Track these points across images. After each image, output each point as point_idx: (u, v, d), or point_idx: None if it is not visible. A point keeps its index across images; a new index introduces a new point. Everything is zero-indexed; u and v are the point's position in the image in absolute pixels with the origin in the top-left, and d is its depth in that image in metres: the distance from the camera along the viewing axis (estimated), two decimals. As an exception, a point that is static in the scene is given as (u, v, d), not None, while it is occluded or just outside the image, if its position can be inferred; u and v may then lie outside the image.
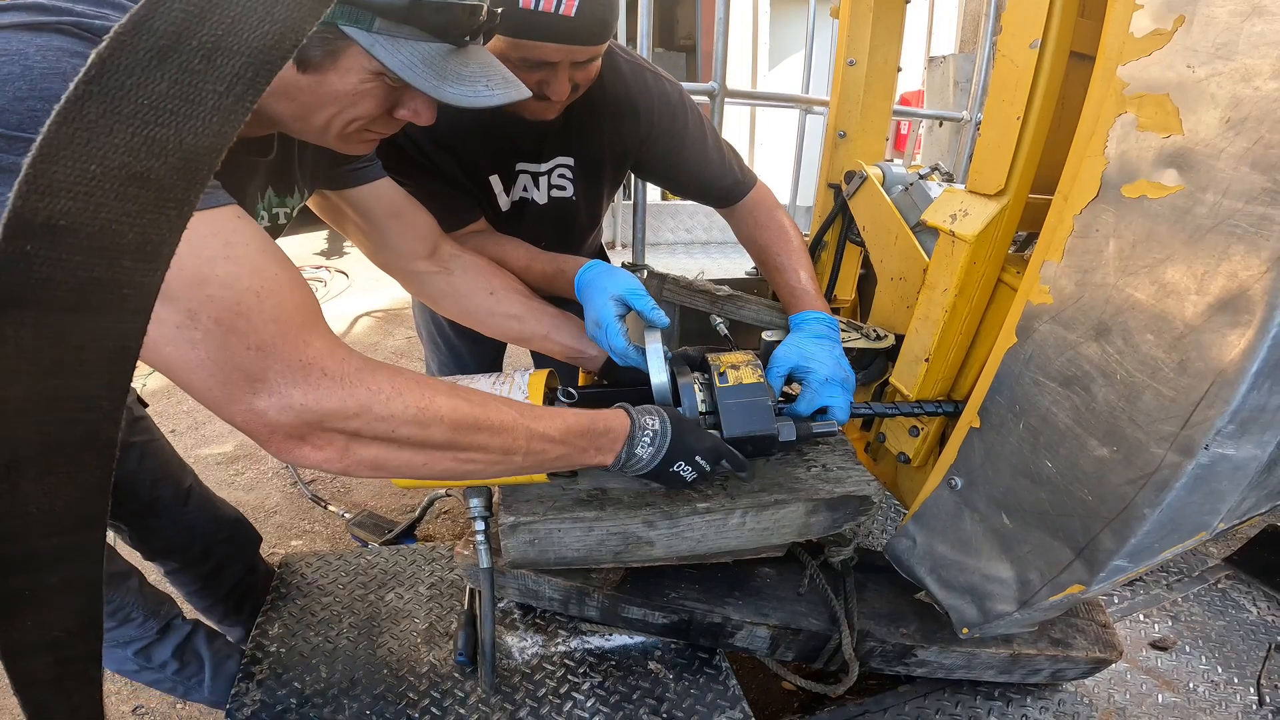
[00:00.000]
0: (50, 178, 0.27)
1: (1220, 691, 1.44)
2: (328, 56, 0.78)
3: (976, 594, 1.09)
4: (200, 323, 0.62)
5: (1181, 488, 0.75)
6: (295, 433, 0.69)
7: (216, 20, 0.30)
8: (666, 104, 1.34)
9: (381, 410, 0.72)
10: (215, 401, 0.66)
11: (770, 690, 1.68)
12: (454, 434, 0.78)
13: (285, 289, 0.69)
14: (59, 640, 0.38)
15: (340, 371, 0.70)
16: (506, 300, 1.27)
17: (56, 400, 0.32)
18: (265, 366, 0.66)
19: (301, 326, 0.69)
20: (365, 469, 0.75)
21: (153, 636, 1.31)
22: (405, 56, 0.79)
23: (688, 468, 0.99)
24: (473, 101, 0.86)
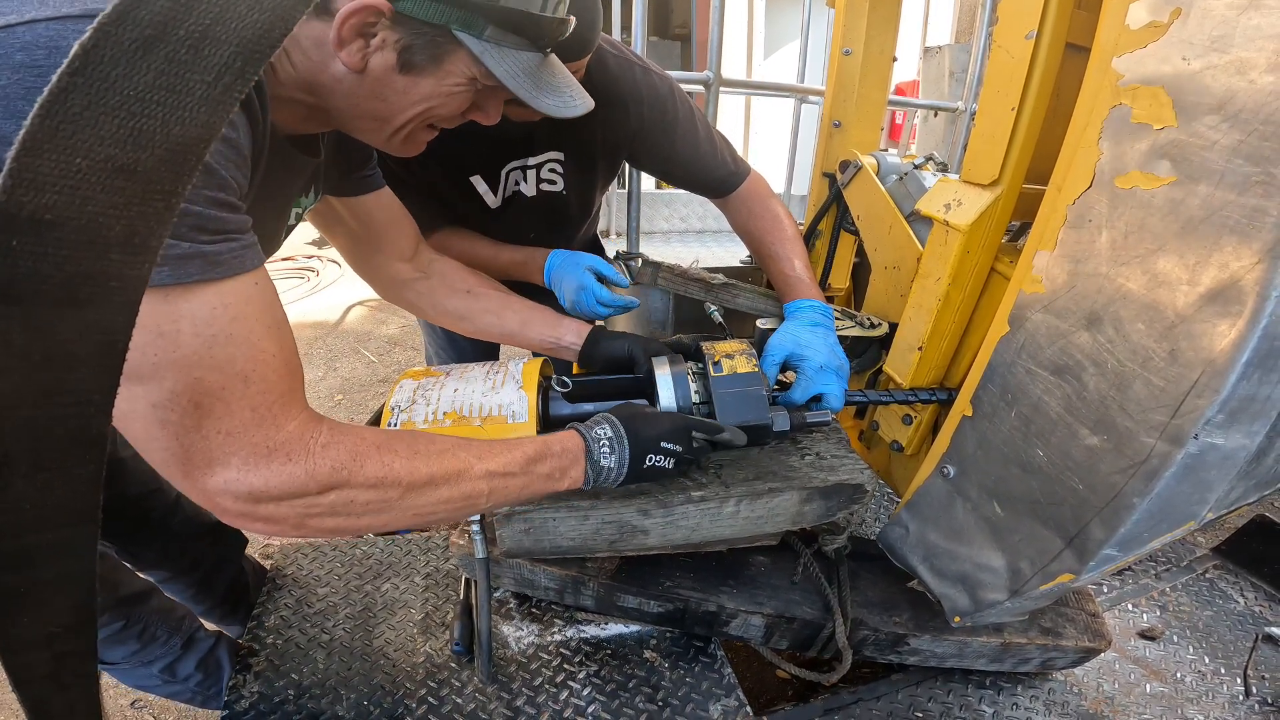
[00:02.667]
0: (35, 171, 0.27)
1: (1207, 681, 1.45)
2: (432, 60, 0.79)
3: (968, 582, 1.09)
4: (178, 405, 0.61)
5: (1171, 477, 0.76)
6: (248, 512, 0.67)
7: (204, 9, 0.29)
8: (656, 98, 1.34)
9: (340, 485, 0.71)
10: (169, 474, 0.65)
11: (764, 678, 1.69)
12: (411, 495, 0.77)
13: (275, 372, 0.68)
14: (55, 635, 0.38)
15: (304, 452, 0.69)
16: (483, 299, 1.28)
17: (47, 395, 0.31)
18: (230, 452, 0.64)
19: (278, 410, 0.68)
20: (324, 534, 0.75)
21: (177, 653, 1.30)
22: (510, 65, 0.82)
23: (660, 458, 0.97)
24: (561, 111, 0.90)
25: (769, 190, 1.50)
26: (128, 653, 1.23)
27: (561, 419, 1.11)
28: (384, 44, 0.76)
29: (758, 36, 6.54)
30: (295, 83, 0.80)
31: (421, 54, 0.79)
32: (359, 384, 3.76)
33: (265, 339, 0.67)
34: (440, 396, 1.04)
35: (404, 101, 0.83)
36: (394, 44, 0.77)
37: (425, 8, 0.74)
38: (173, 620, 1.31)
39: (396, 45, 0.77)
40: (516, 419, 1.01)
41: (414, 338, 4.38)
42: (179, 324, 0.60)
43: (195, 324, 0.61)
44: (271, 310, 0.69)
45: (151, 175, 0.30)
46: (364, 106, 0.84)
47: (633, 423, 0.97)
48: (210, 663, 1.36)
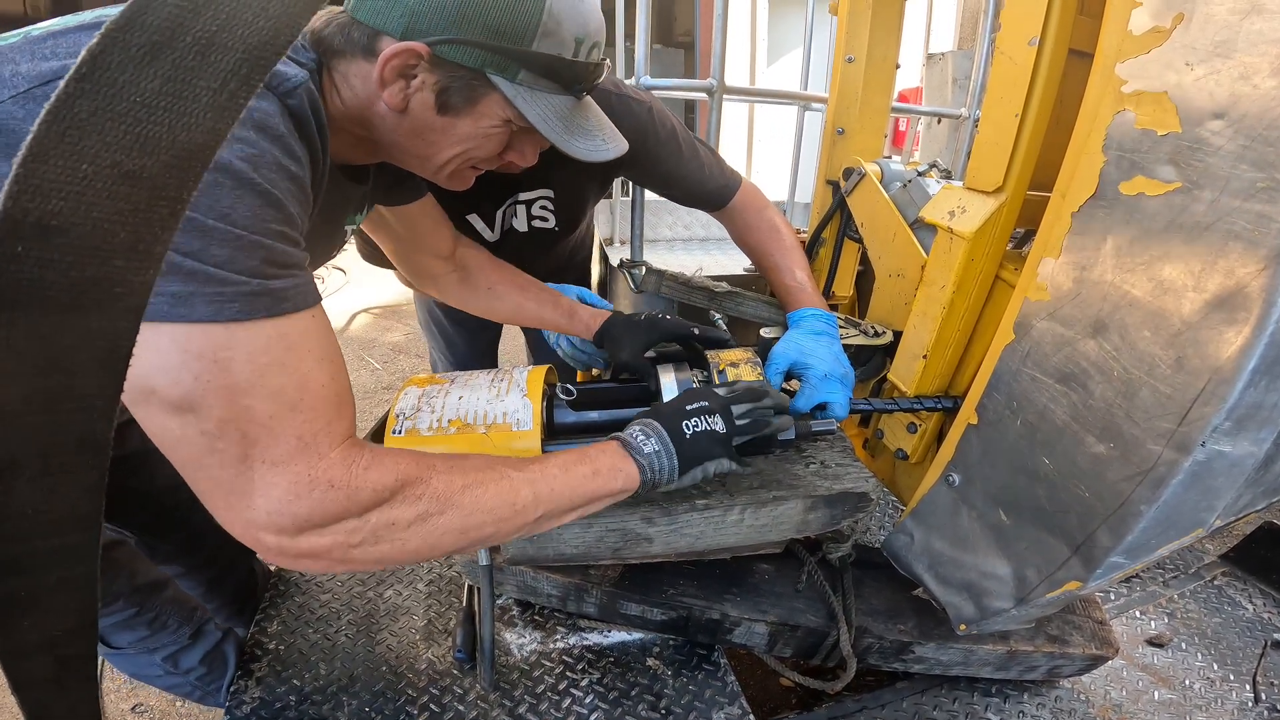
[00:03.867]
0: (41, 177, 0.27)
1: (1216, 688, 1.44)
2: (467, 102, 0.84)
3: (974, 590, 1.09)
4: (227, 433, 0.61)
5: (1178, 484, 0.75)
6: (288, 548, 0.67)
7: (210, 16, 0.29)
8: (635, 127, 1.33)
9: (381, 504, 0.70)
10: (213, 505, 0.66)
11: (768, 686, 1.68)
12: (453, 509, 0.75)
13: (323, 401, 0.68)
14: (56, 640, 0.38)
15: (346, 476, 0.68)
16: (503, 297, 1.35)
17: (50, 401, 0.31)
18: (273, 482, 0.64)
19: (323, 439, 0.68)
20: (369, 566, 0.73)
21: (185, 642, 1.30)
22: (541, 109, 0.86)
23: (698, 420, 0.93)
24: (591, 155, 0.93)
25: (764, 200, 1.50)
26: (135, 638, 1.24)
27: (566, 427, 1.11)
28: (423, 85, 0.81)
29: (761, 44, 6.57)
30: (345, 116, 0.84)
31: (458, 96, 0.83)
32: (364, 391, 3.76)
33: (317, 369, 0.68)
34: (445, 404, 1.03)
35: (443, 141, 0.88)
36: (432, 85, 0.81)
37: (461, 52, 0.79)
38: (185, 610, 1.31)
39: (434, 87, 0.81)
40: (521, 426, 1.01)
41: (418, 345, 4.39)
42: (234, 352, 0.61)
43: (251, 353, 0.62)
44: (325, 342, 0.70)
45: (157, 181, 0.31)
46: (407, 144, 0.88)
47: (655, 410, 0.96)
48: (215, 657, 1.36)
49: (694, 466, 0.92)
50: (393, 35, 0.77)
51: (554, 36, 0.82)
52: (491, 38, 0.78)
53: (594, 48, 0.88)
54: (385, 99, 0.81)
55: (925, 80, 5.32)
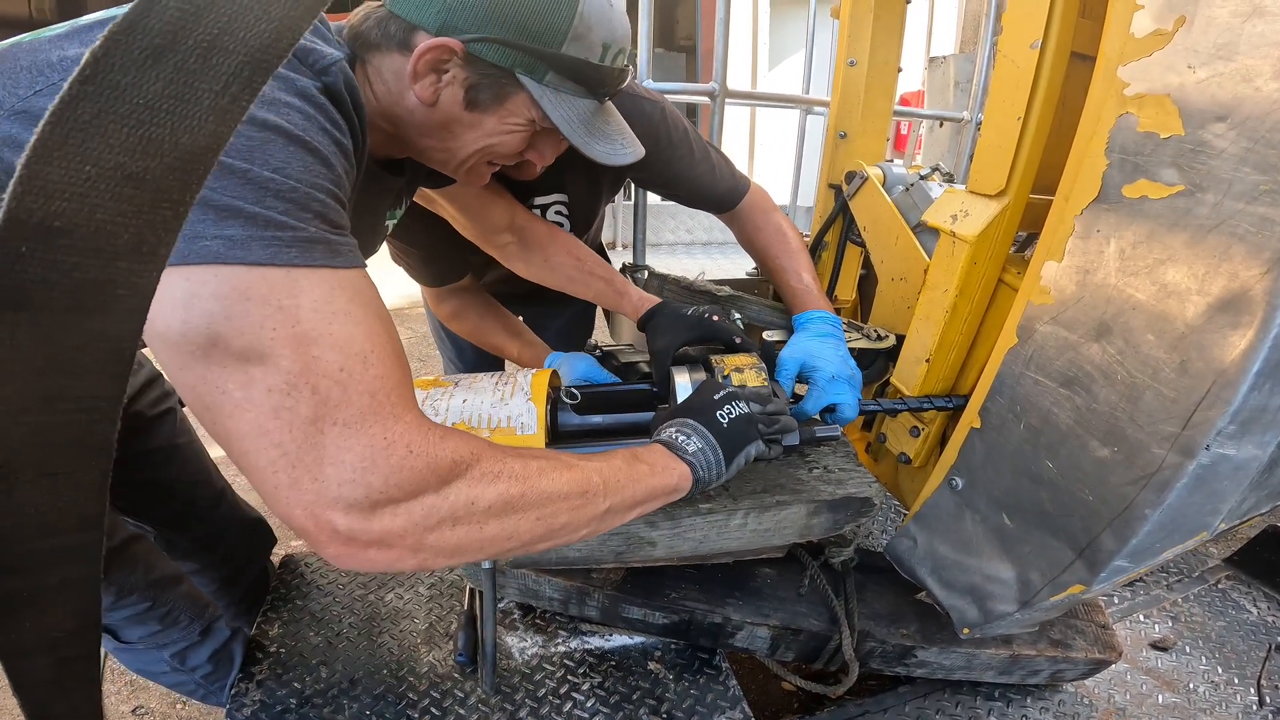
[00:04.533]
0: (45, 179, 0.27)
1: (1220, 692, 1.44)
2: (494, 100, 0.86)
3: (977, 594, 1.08)
4: (297, 390, 0.56)
5: (1182, 488, 0.75)
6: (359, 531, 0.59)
7: (213, 18, 0.29)
8: (647, 127, 1.33)
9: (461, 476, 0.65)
10: (275, 483, 0.58)
11: (770, 690, 1.68)
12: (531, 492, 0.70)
13: (391, 357, 0.64)
14: (58, 641, 0.38)
15: (425, 443, 0.63)
16: (561, 263, 1.37)
17: (52, 402, 0.31)
18: (345, 447, 0.58)
19: (396, 399, 0.63)
20: (443, 559, 0.66)
21: (194, 639, 1.30)
22: (566, 111, 0.88)
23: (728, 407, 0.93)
24: (610, 159, 0.95)
25: (770, 203, 1.50)
26: (146, 633, 1.23)
27: (570, 430, 1.11)
28: (454, 80, 0.83)
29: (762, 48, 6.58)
30: (376, 111, 0.86)
31: (486, 93, 0.85)
32: (365, 394, 3.76)
33: (379, 324, 0.65)
34: (449, 406, 1.03)
35: (469, 136, 0.90)
36: (462, 81, 0.84)
37: (493, 51, 0.81)
38: (197, 606, 1.31)
39: (464, 83, 0.84)
40: (525, 430, 1.01)
41: (422, 348, 4.39)
42: (299, 299, 0.58)
43: (315, 300, 0.59)
44: (382, 304, 0.67)
45: (160, 183, 0.31)
46: (433, 137, 0.91)
47: (683, 408, 0.95)
48: (223, 655, 1.36)
49: (737, 454, 0.91)
50: (429, 31, 0.80)
51: (583, 40, 0.84)
52: (523, 38, 0.81)
53: (620, 53, 0.90)
54: (416, 91, 0.83)
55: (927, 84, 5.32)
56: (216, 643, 1.34)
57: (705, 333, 1.22)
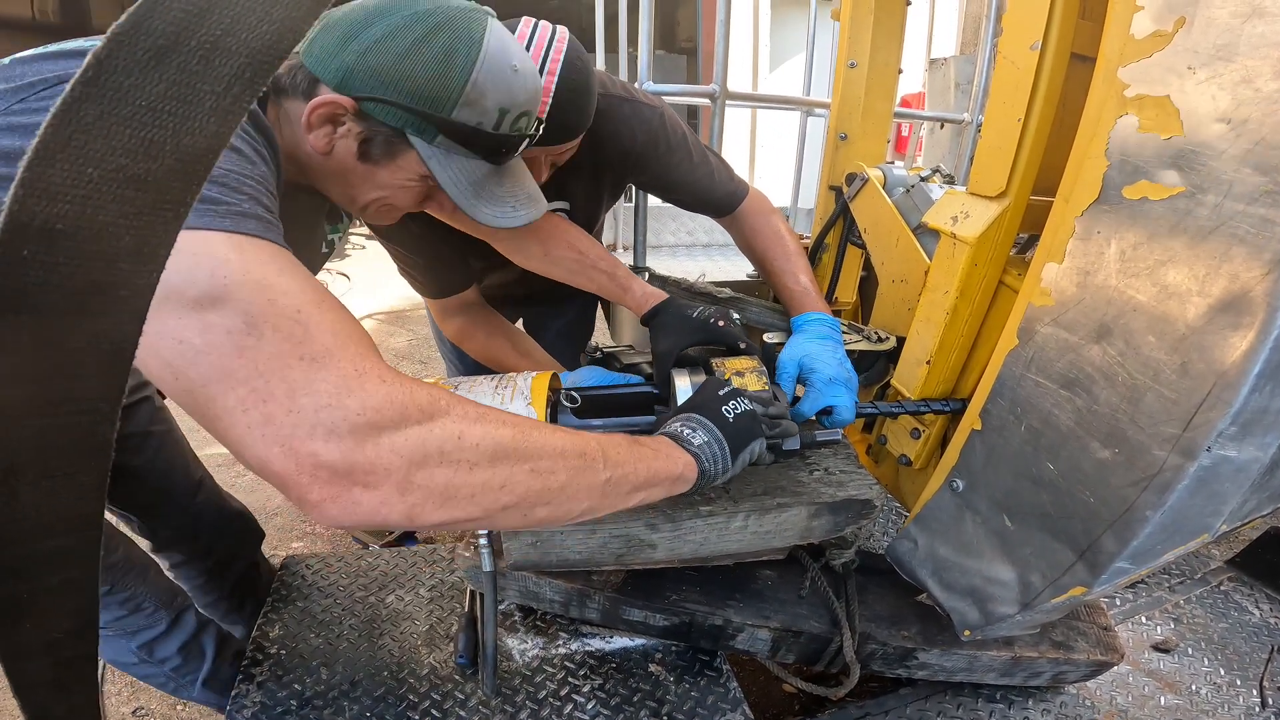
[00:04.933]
0: (47, 181, 0.27)
1: (1223, 693, 1.43)
2: (386, 155, 0.89)
3: (978, 596, 1.08)
4: (258, 328, 0.55)
5: (1183, 490, 0.75)
6: (343, 463, 0.56)
7: (214, 21, 0.30)
8: (647, 132, 1.35)
9: (444, 411, 0.62)
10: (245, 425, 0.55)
11: (771, 693, 1.68)
12: (522, 435, 0.67)
13: (346, 313, 0.64)
14: (57, 642, 0.38)
15: (397, 379, 0.61)
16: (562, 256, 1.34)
17: (54, 403, 0.31)
18: (318, 377, 0.56)
19: (360, 340, 0.62)
20: (433, 505, 0.61)
21: (162, 629, 1.30)
22: (454, 173, 0.90)
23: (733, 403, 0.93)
24: (499, 222, 0.97)
25: (769, 206, 1.50)
26: (110, 619, 1.24)
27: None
28: (348, 133, 0.86)
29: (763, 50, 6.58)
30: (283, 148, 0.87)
31: (378, 148, 0.88)
32: (366, 396, 3.76)
33: (320, 287, 0.63)
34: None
35: (363, 185, 0.93)
36: (356, 135, 0.87)
37: (384, 111, 0.84)
38: (163, 595, 1.31)
39: (358, 136, 0.87)
40: None
41: (422, 351, 4.40)
42: (244, 254, 0.58)
43: (260, 257, 0.59)
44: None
45: (162, 185, 0.31)
46: (330, 183, 0.94)
47: (688, 405, 0.95)
48: (193, 648, 1.37)
49: (742, 450, 0.91)
50: (329, 85, 0.83)
51: (475, 106, 0.86)
52: (413, 101, 0.83)
53: (522, 117, 0.92)
54: (311, 140, 0.86)
55: (927, 85, 5.32)
56: (185, 634, 1.34)
57: (709, 337, 1.21)
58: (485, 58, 0.85)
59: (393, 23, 0.82)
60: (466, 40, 0.84)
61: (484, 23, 0.87)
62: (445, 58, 0.83)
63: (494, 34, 0.87)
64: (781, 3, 6.81)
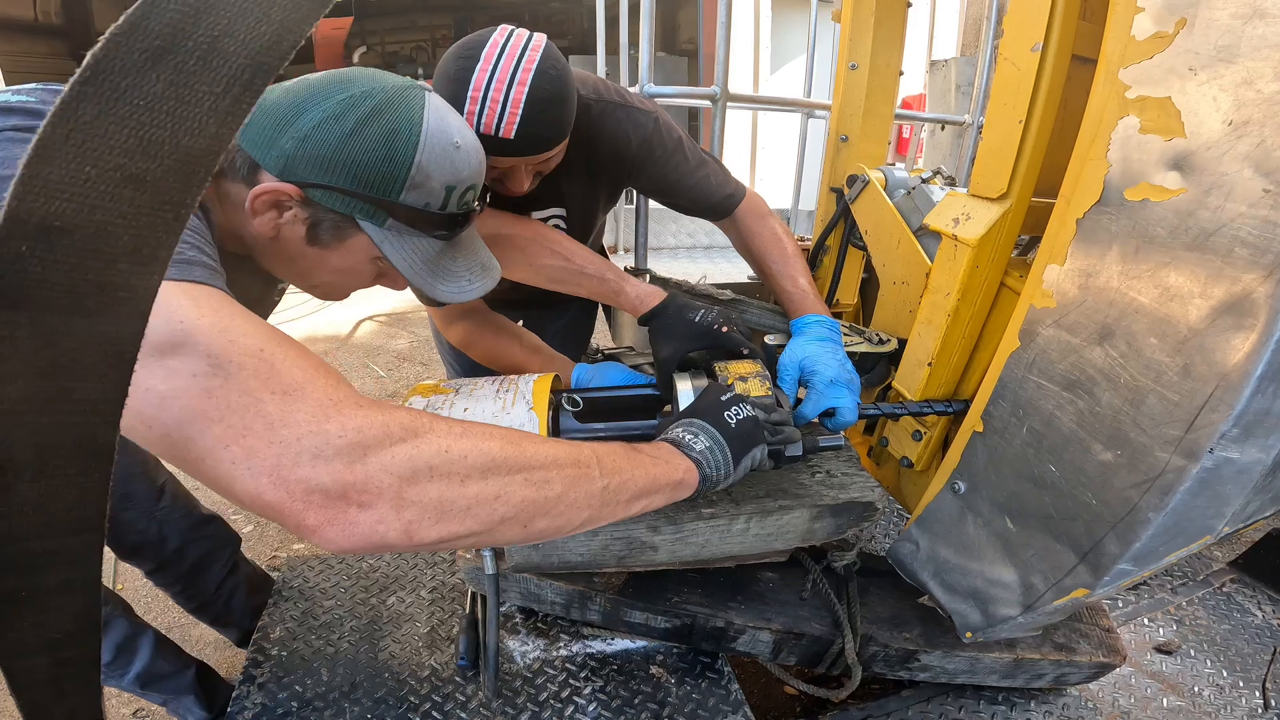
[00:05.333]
0: (45, 179, 0.27)
1: (1225, 695, 1.43)
2: (335, 239, 0.86)
3: (980, 598, 1.08)
4: (223, 367, 0.55)
5: (1186, 491, 0.75)
6: (335, 485, 0.56)
7: (212, 21, 0.30)
8: (642, 138, 1.34)
9: (428, 429, 0.63)
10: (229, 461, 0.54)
11: (772, 695, 1.67)
12: (514, 447, 0.67)
13: (301, 346, 0.63)
14: (56, 642, 0.38)
15: (373, 403, 0.62)
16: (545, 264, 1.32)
17: (53, 403, 0.31)
18: (293, 408, 0.56)
19: (328, 373, 0.62)
20: (429, 521, 0.61)
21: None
22: (407, 254, 0.88)
23: (736, 409, 0.93)
24: (456, 297, 0.96)
25: (766, 209, 1.50)
26: None
27: (573, 438, 1.10)
28: (295, 219, 0.83)
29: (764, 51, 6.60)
30: (225, 226, 0.86)
31: (327, 233, 0.85)
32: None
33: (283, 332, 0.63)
34: (450, 415, 1.03)
35: (314, 269, 0.91)
36: (303, 220, 0.83)
37: (330, 198, 0.81)
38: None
39: (305, 221, 0.84)
40: None
41: (423, 353, 4.40)
42: (196, 300, 0.58)
43: (213, 302, 0.59)
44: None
45: (160, 185, 0.31)
46: (279, 265, 0.91)
47: (690, 410, 0.95)
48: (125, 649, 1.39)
49: (744, 456, 0.90)
50: (271, 172, 0.80)
51: (422, 188, 0.84)
52: (359, 188, 0.81)
53: (468, 191, 0.90)
54: (255, 226, 0.83)
55: (928, 87, 5.33)
56: (116, 637, 1.35)
57: (713, 342, 1.21)
58: (427, 138, 0.82)
59: (328, 108, 0.78)
60: (407, 122, 0.81)
61: (421, 100, 0.84)
62: (387, 142, 0.80)
63: (433, 111, 0.84)
64: (782, 5, 6.82)
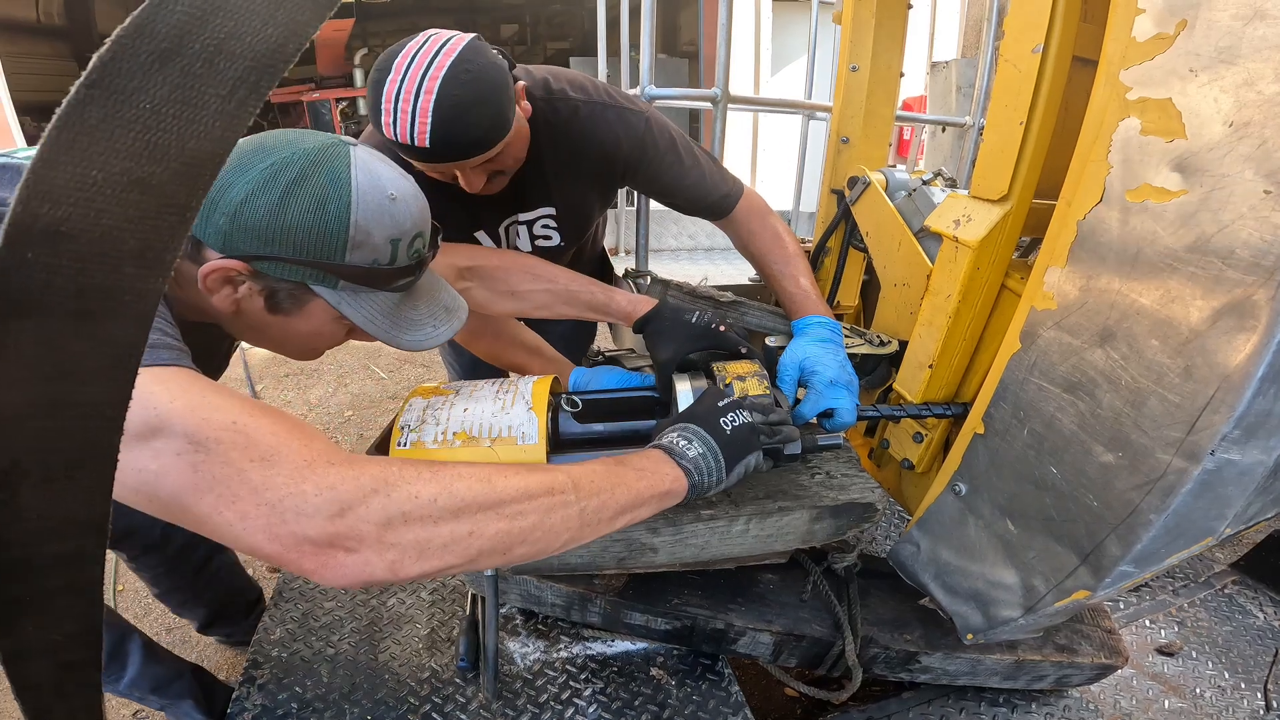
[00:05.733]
0: (51, 183, 0.27)
1: (1227, 697, 1.43)
2: (295, 306, 0.86)
3: (981, 600, 1.08)
4: (203, 443, 0.61)
5: (1188, 493, 0.75)
6: (322, 536, 0.63)
7: (218, 24, 0.30)
8: (633, 139, 1.34)
9: (396, 478, 0.68)
10: (227, 524, 0.62)
11: (773, 697, 1.67)
12: (483, 485, 0.72)
13: (272, 410, 0.69)
14: (59, 645, 0.38)
15: (345, 459, 0.67)
16: (529, 292, 1.33)
17: (57, 407, 0.31)
18: (272, 474, 0.63)
19: (300, 432, 0.67)
20: (411, 559, 0.67)
21: None
22: (366, 310, 0.88)
23: (734, 414, 0.93)
24: (422, 345, 0.96)
25: (766, 208, 1.49)
26: None
27: (572, 439, 1.10)
28: (250, 292, 0.83)
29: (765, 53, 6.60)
30: (183, 303, 0.85)
31: (286, 300, 0.85)
32: (369, 400, 3.77)
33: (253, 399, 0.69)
34: (450, 416, 1.03)
35: (281, 335, 0.91)
36: (259, 291, 0.83)
37: (278, 268, 0.80)
38: None
39: (261, 293, 0.84)
40: (526, 440, 1.00)
41: (424, 354, 4.39)
42: (166, 384, 0.63)
43: (181, 383, 0.65)
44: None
45: (166, 189, 0.31)
46: (248, 335, 0.93)
47: (686, 414, 0.96)
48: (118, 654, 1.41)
49: (738, 462, 0.91)
50: (213, 249, 0.79)
51: (364, 247, 0.82)
52: (303, 255, 0.80)
53: (415, 239, 0.89)
54: (214, 303, 0.83)
55: (929, 89, 5.33)
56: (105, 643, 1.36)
57: (711, 342, 1.21)
58: (359, 196, 0.80)
59: (252, 179, 0.76)
60: (334, 184, 0.79)
61: (346, 158, 0.81)
62: (318, 208, 0.78)
63: (360, 167, 0.82)
64: (783, 7, 6.83)
